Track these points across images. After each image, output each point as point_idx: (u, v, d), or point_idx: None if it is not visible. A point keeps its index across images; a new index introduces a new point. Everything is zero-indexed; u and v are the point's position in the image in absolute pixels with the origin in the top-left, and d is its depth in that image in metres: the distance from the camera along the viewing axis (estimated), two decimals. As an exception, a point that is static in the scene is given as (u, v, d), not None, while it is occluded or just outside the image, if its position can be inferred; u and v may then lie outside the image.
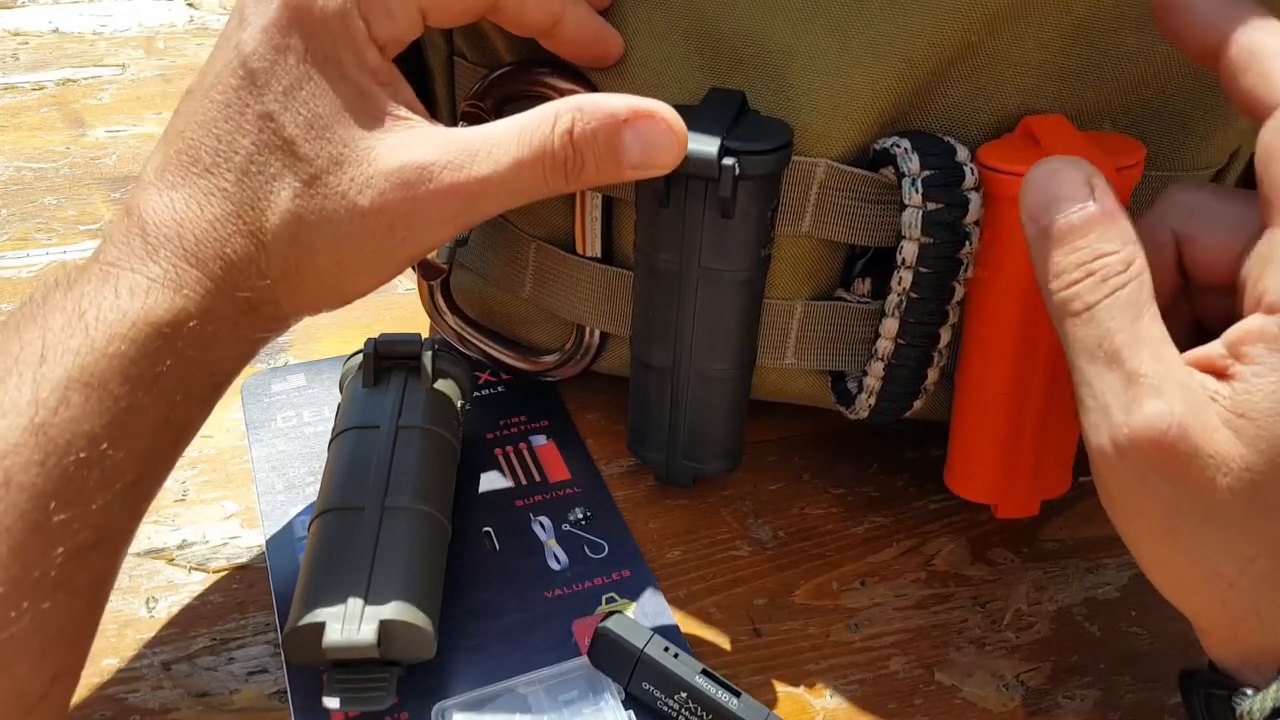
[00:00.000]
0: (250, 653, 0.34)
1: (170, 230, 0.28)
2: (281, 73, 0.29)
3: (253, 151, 0.29)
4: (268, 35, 0.29)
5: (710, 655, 0.35)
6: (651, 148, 0.29)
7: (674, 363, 0.36)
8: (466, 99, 0.37)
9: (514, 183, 0.29)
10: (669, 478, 0.39)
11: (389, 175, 0.29)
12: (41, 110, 0.65)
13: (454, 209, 0.29)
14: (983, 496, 0.37)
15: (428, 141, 0.29)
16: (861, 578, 0.38)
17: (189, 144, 0.29)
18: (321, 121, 0.29)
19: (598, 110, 0.29)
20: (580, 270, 0.38)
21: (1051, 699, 0.34)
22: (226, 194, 0.29)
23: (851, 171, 0.34)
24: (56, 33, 0.74)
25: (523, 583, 0.37)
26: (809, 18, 0.33)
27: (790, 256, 0.36)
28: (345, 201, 0.29)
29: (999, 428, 0.35)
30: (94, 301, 0.27)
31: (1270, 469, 0.25)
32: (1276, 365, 0.25)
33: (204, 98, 0.29)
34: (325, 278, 0.30)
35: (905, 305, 0.34)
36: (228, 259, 0.29)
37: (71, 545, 0.26)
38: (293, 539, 0.38)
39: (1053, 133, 0.32)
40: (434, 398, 0.38)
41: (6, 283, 0.50)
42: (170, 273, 0.28)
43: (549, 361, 0.42)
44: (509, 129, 0.29)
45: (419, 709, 0.32)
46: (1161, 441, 0.25)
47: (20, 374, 0.26)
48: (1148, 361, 0.25)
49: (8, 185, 0.57)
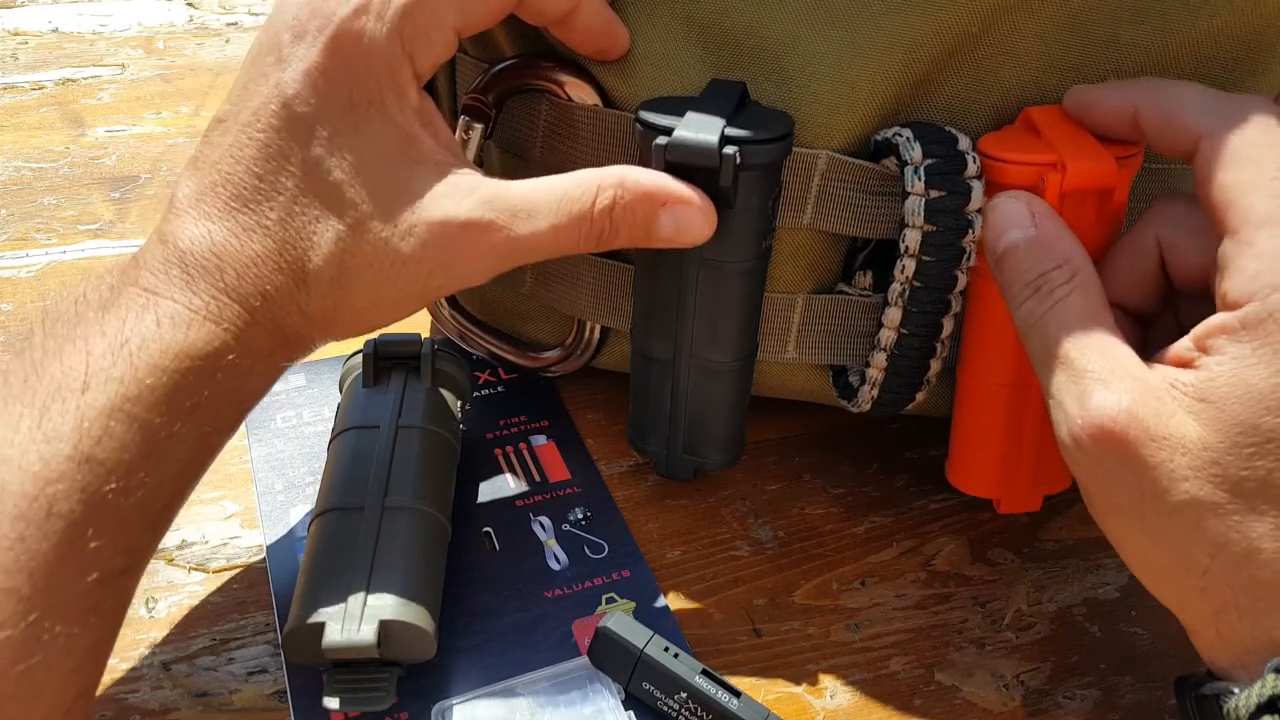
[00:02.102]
0: (250, 653, 0.34)
1: (210, 263, 0.29)
2: (325, 119, 0.29)
3: (296, 194, 0.29)
4: (311, 79, 0.29)
5: (710, 655, 0.35)
6: (683, 228, 0.31)
7: (675, 355, 0.36)
8: (469, 92, 0.37)
9: (550, 243, 0.31)
10: (669, 471, 0.39)
11: (431, 226, 0.29)
12: (41, 110, 0.65)
13: (489, 263, 0.31)
14: (984, 491, 0.37)
15: (471, 195, 0.30)
16: (861, 578, 0.38)
17: (226, 178, 0.29)
18: (366, 167, 0.29)
19: (639, 189, 0.31)
20: (581, 264, 0.38)
21: (1051, 699, 0.34)
22: (268, 231, 0.29)
23: (853, 163, 0.34)
24: (56, 32, 0.74)
25: (523, 583, 0.36)
26: (811, 10, 0.33)
27: (792, 249, 0.36)
28: (388, 248, 0.29)
29: (1000, 421, 0.35)
30: (136, 330, 0.27)
31: (1228, 446, 0.26)
32: (1234, 353, 0.27)
33: (241, 133, 0.29)
34: (360, 314, 0.31)
35: (908, 294, 0.34)
36: (267, 295, 0.29)
37: (104, 571, 0.26)
38: (293, 539, 0.38)
39: (1053, 123, 0.32)
40: (434, 398, 0.38)
41: (6, 283, 0.50)
42: (211, 305, 0.28)
43: (549, 358, 0.42)
44: (550, 193, 0.30)
45: (419, 709, 0.32)
46: (1112, 429, 0.27)
47: (64, 400, 0.26)
48: (1094, 359, 0.28)
49: (7, 185, 0.57)
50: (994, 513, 0.41)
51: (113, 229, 0.54)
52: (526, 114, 0.37)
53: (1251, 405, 0.26)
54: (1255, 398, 0.26)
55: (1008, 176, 0.32)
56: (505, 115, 0.38)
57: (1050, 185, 0.31)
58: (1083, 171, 0.31)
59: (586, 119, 0.36)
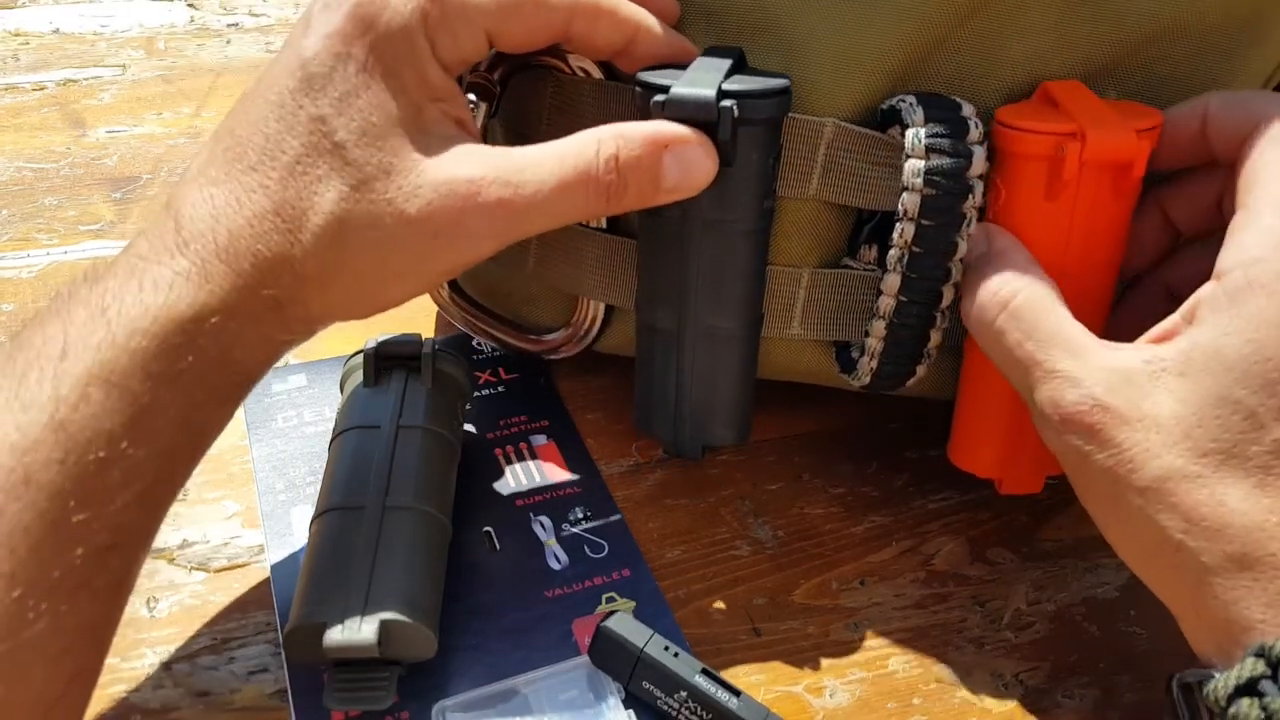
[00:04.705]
0: (251, 652, 0.34)
1: (205, 225, 0.28)
2: (339, 79, 0.29)
3: (301, 152, 0.29)
4: (330, 42, 0.29)
5: (710, 654, 0.35)
6: (688, 169, 0.31)
7: (679, 323, 0.35)
8: (474, 71, 0.37)
9: (557, 203, 0.30)
10: (677, 451, 0.38)
11: (437, 186, 0.29)
12: (42, 111, 0.65)
13: (497, 225, 0.30)
14: (986, 471, 0.36)
15: (475, 157, 0.30)
16: (861, 577, 0.38)
17: (237, 140, 0.29)
18: (374, 130, 0.29)
19: (639, 136, 0.31)
20: (585, 241, 0.38)
21: (1050, 698, 0.34)
22: (268, 191, 0.29)
23: (860, 131, 0.34)
24: (57, 33, 0.75)
25: (523, 583, 0.37)
26: None
27: (797, 222, 0.36)
28: (392, 208, 0.29)
29: (1003, 398, 0.34)
30: (117, 296, 0.27)
31: (1199, 419, 0.27)
32: (1213, 323, 0.27)
33: (259, 97, 0.30)
34: (362, 281, 0.30)
35: (907, 260, 0.34)
36: (259, 255, 0.29)
37: (90, 546, 0.26)
38: (293, 539, 0.38)
39: (1072, 96, 0.32)
40: (434, 397, 0.38)
41: (7, 283, 0.50)
42: (197, 266, 0.28)
43: (553, 340, 0.42)
44: (553, 152, 0.30)
45: (419, 709, 0.32)
46: (1087, 422, 0.28)
47: (41, 369, 0.26)
48: (1059, 357, 0.29)
49: (8, 185, 0.57)
50: (993, 512, 0.41)
51: (114, 229, 0.54)
52: (532, 91, 0.37)
53: (1222, 376, 0.27)
54: (1226, 368, 0.27)
55: (1027, 146, 0.32)
56: (510, 93, 0.38)
57: (1070, 155, 0.31)
58: (1103, 142, 0.31)
59: (591, 92, 0.36)
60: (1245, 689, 0.25)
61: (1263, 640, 0.26)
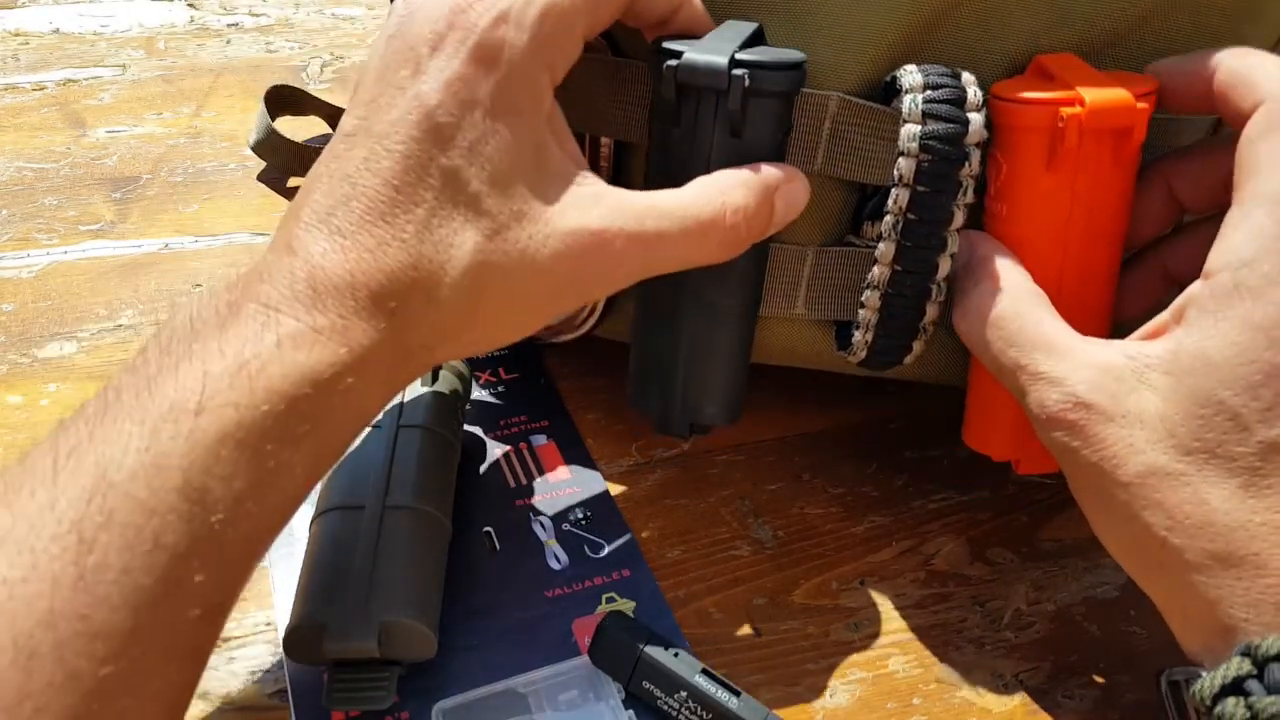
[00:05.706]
0: (251, 652, 0.34)
1: (341, 280, 0.27)
2: (468, 127, 0.28)
3: (435, 205, 0.28)
4: (453, 90, 0.28)
5: (710, 655, 0.35)
6: (792, 205, 0.32)
7: (676, 295, 0.35)
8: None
9: (682, 251, 0.31)
10: (666, 428, 0.37)
11: (564, 236, 0.29)
12: (42, 110, 0.65)
13: (620, 274, 0.30)
14: (1002, 453, 0.36)
15: (600, 205, 0.30)
16: (861, 577, 0.38)
17: (361, 191, 0.28)
18: (504, 176, 0.29)
19: (757, 186, 0.31)
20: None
21: (1051, 698, 0.34)
22: (404, 245, 0.28)
23: (865, 105, 0.34)
24: (57, 33, 0.75)
25: (523, 583, 0.37)
26: None
27: None
28: (524, 257, 0.29)
29: None
30: (255, 351, 0.26)
31: (1183, 418, 0.27)
32: (1200, 325, 0.27)
33: (377, 144, 0.28)
34: (490, 326, 0.30)
35: (901, 226, 0.34)
36: (395, 312, 0.28)
37: (206, 608, 0.25)
38: (293, 538, 0.38)
39: (1067, 67, 0.32)
40: (434, 398, 0.38)
41: (7, 283, 0.50)
42: (336, 324, 0.27)
43: (554, 325, 0.42)
44: (677, 202, 0.30)
45: (419, 709, 0.32)
46: (1072, 420, 0.29)
47: (176, 423, 0.25)
48: (1041, 360, 0.30)
49: (8, 185, 0.57)
50: (993, 512, 0.41)
51: (114, 229, 0.54)
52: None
53: (1207, 377, 0.27)
54: (1211, 369, 0.27)
55: (1025, 118, 0.32)
56: None
57: (1069, 124, 0.31)
58: (1102, 107, 0.31)
59: (600, 66, 0.35)
60: (1231, 688, 0.25)
61: (1249, 639, 0.26)
